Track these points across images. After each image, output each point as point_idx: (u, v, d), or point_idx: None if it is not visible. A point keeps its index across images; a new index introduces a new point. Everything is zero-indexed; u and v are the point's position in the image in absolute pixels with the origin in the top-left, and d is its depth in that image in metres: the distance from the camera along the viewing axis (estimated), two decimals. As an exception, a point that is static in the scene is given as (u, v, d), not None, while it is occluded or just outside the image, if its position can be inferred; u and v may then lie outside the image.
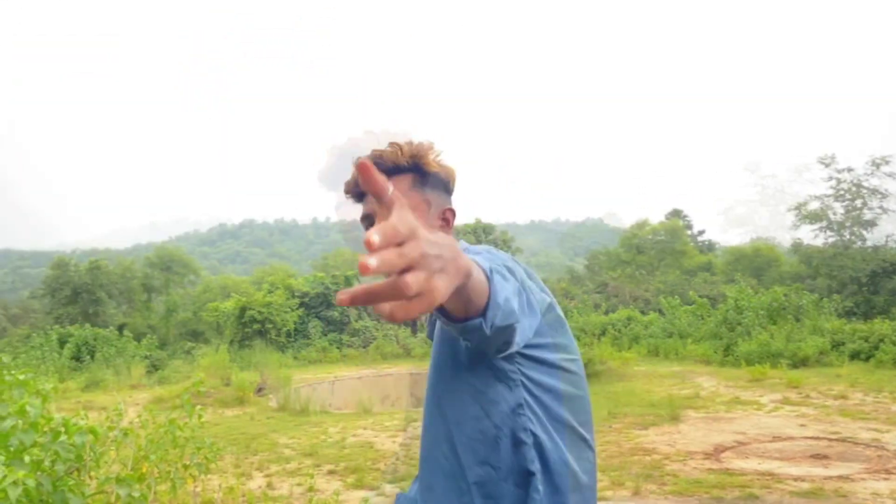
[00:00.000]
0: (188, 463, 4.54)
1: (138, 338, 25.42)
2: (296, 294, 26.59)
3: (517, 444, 1.17)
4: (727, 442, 7.54)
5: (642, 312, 26.69)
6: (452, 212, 1.37)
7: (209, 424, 10.10)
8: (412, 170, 1.34)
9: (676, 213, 47.75)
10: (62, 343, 21.51)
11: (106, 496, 3.21)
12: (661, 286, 33.77)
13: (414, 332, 24.18)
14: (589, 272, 46.29)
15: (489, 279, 0.87)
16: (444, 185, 1.37)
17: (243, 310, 24.37)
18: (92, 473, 3.63)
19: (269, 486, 6.49)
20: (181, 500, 5.31)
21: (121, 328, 28.57)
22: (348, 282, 27.59)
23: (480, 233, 31.22)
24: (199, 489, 5.94)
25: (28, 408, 2.53)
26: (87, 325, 23.89)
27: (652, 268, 42.87)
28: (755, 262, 39.61)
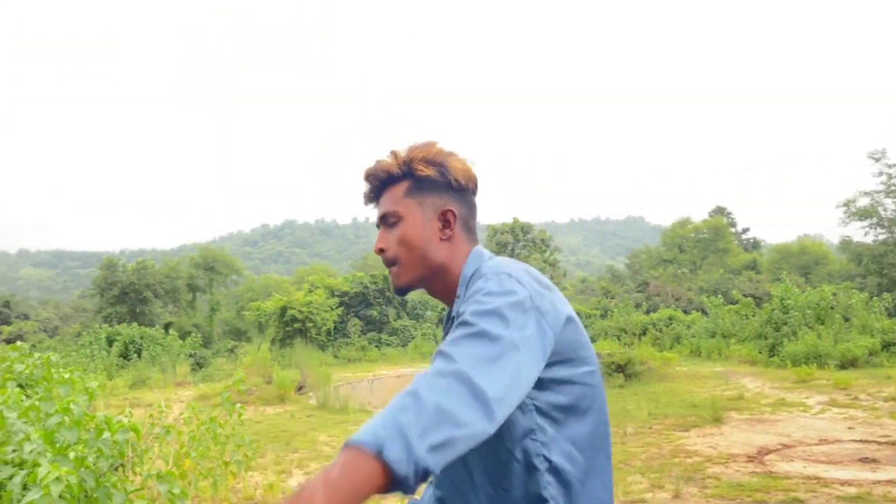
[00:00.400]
0: (228, 460, 4.62)
1: (183, 336, 26.00)
2: (335, 293, 26.91)
3: (530, 469, 1.15)
4: (771, 444, 7.37)
5: (684, 312, 26.29)
6: (453, 212, 1.33)
7: (251, 422, 10.27)
8: (407, 176, 1.34)
9: (720, 211, 46.89)
10: (110, 341, 22.10)
11: (149, 492, 3.29)
12: (704, 285, 33.23)
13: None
14: (630, 271, 45.82)
15: (381, 454, 0.87)
16: (445, 185, 1.34)
17: (284, 309, 24.74)
18: (136, 470, 3.73)
19: (309, 483, 6.56)
20: (222, 497, 5.41)
21: (167, 327, 29.30)
22: (387, 281, 27.79)
23: (518, 232, 31.14)
24: (240, 485, 6.05)
25: (72, 405, 2.60)
26: (135, 324, 24.52)
27: (694, 266, 42.22)
28: (802, 260, 38.71)
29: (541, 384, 1.15)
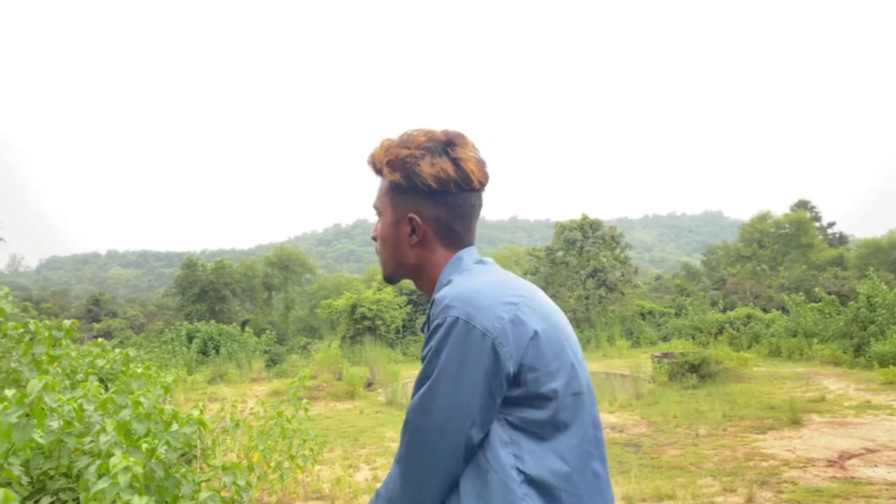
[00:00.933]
0: (295, 454, 4.74)
1: (259, 333, 26.79)
2: (404, 291, 27.16)
3: (507, 480, 1.12)
4: (854, 449, 7.03)
5: (763, 310, 25.34)
6: (417, 219, 1.29)
7: (321, 417, 10.51)
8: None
9: (803, 204, 44.87)
10: (190, 338, 23.01)
11: (217, 482, 3.42)
12: (785, 282, 31.92)
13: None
14: (706, 268, 44.43)
15: None
16: (411, 187, 1.29)
17: (354, 307, 25.15)
18: (210, 462, 3.87)
19: (375, 478, 6.67)
20: (290, 490, 5.55)
21: (243, 324, 30.28)
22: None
23: (587, 228, 30.62)
24: (308, 479, 6.20)
25: (142, 399, 2.72)
26: (213, 322, 25.43)
27: (775, 263, 40.59)
28: (893, 256, 36.65)
29: (510, 401, 1.15)
